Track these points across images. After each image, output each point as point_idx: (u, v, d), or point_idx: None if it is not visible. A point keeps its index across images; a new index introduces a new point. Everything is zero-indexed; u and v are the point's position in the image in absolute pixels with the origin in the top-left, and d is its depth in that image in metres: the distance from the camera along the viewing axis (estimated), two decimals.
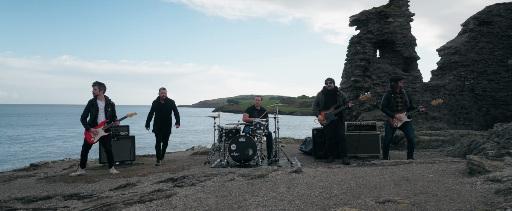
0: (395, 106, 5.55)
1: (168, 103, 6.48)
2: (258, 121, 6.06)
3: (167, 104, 6.44)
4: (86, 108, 5.22)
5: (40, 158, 13.81)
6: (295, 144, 9.22)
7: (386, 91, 5.73)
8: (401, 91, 5.63)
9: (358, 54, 10.85)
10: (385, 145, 5.77)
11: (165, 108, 6.38)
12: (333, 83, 5.99)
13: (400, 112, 5.51)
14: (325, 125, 6.00)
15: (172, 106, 6.54)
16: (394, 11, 10.93)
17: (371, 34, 10.90)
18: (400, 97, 5.59)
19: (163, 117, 6.33)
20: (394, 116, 5.49)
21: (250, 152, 5.71)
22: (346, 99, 5.97)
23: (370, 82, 11.03)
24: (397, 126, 5.50)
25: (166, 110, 6.39)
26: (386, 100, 5.64)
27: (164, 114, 6.35)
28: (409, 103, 5.54)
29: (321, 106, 6.03)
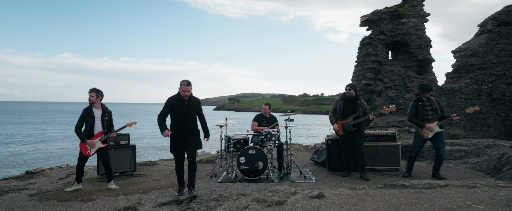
0: (424, 115, 5.06)
1: (195, 105, 4.29)
2: (268, 131, 5.60)
3: (193, 107, 4.25)
4: (81, 117, 4.76)
5: (38, 161, 13.45)
6: (305, 152, 8.75)
7: (413, 100, 5.25)
8: (429, 99, 5.14)
9: (370, 56, 10.34)
10: (410, 158, 5.27)
11: (188, 113, 4.20)
12: (353, 90, 5.50)
13: (431, 121, 5.03)
14: (341, 136, 5.53)
15: (199, 109, 4.40)
16: (408, 11, 10.40)
17: (384, 35, 10.39)
18: (429, 105, 5.10)
19: (186, 124, 4.20)
20: (424, 126, 5.00)
21: (261, 166, 5.26)
22: (367, 109, 5.48)
23: (382, 86, 10.52)
24: (428, 137, 5.02)
25: (191, 115, 4.23)
26: (414, 109, 5.15)
27: (188, 120, 4.20)
28: (440, 112, 5.05)
29: (339, 114, 5.55)
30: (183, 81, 4.17)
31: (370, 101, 10.17)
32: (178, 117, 4.19)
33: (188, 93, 4.14)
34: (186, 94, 4.13)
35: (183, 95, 4.14)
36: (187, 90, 4.13)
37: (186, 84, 4.14)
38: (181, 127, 4.19)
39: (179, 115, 4.17)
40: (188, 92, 4.14)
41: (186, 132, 4.20)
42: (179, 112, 4.16)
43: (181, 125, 4.19)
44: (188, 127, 4.22)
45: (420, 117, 5.07)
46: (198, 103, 4.38)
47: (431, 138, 5.04)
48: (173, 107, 4.17)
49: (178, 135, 4.20)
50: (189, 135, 4.22)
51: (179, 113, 4.16)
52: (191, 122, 4.26)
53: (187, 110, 4.20)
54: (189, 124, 4.23)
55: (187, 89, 4.13)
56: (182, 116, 4.18)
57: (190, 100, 4.23)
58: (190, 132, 4.24)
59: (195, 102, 4.30)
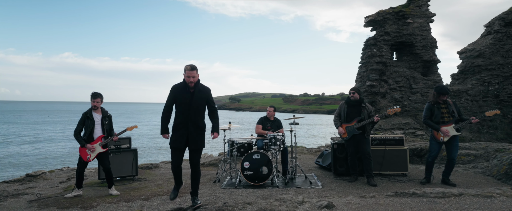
0: (440, 118, 4.91)
1: (201, 94, 3.69)
2: (273, 135, 5.46)
3: (198, 95, 3.66)
4: (80, 121, 4.65)
5: (38, 161, 13.37)
6: (309, 155, 8.61)
7: (428, 102, 5.10)
8: (446, 101, 4.99)
9: (374, 57, 10.19)
10: (428, 163, 5.12)
11: (194, 102, 3.62)
12: (357, 94, 5.37)
13: (447, 124, 4.88)
14: (346, 139, 5.40)
15: (207, 99, 3.77)
16: (413, 11, 10.24)
17: (388, 35, 10.24)
18: (445, 107, 4.95)
19: (189, 117, 3.61)
20: (439, 129, 4.85)
21: (265, 171, 5.13)
22: (371, 112, 5.35)
23: (387, 87, 10.37)
24: (443, 140, 4.87)
25: (195, 106, 3.63)
26: (429, 111, 5.00)
27: (191, 112, 3.61)
28: (457, 114, 4.90)
29: (343, 118, 5.42)
30: (187, 65, 3.60)
31: (375, 102, 10.03)
32: (181, 108, 3.62)
33: (193, 79, 3.57)
34: (191, 80, 3.56)
35: (188, 82, 3.59)
36: (191, 75, 3.55)
37: (190, 69, 3.55)
38: (184, 120, 3.60)
39: (182, 105, 3.62)
40: (193, 78, 3.56)
41: (189, 126, 3.59)
42: (182, 101, 3.60)
43: (184, 117, 3.60)
44: (191, 121, 3.60)
45: (435, 120, 4.92)
46: (206, 92, 3.73)
47: (446, 142, 4.90)
48: (176, 96, 3.64)
49: (180, 128, 3.63)
50: (192, 130, 3.60)
51: (182, 102, 3.61)
52: (196, 115, 3.62)
53: (191, 99, 3.60)
54: (193, 117, 3.60)
55: (191, 75, 3.55)
56: (185, 106, 3.60)
57: (196, 87, 3.63)
58: (193, 127, 3.61)
59: (201, 90, 3.66)
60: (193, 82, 3.59)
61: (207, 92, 3.75)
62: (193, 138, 3.62)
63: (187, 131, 3.61)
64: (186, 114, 3.61)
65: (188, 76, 3.57)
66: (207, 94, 3.76)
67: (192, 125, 3.62)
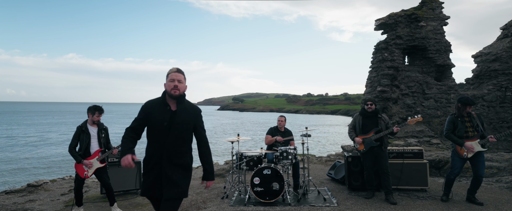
0: (464, 132, 4.56)
1: (187, 115, 2.62)
2: (285, 149, 5.16)
3: (182, 116, 2.59)
4: (75, 135, 4.37)
5: (41, 171, 13.18)
6: (319, 165, 8.27)
7: (450, 114, 4.75)
8: (469, 114, 4.64)
9: (386, 62, 9.83)
10: (449, 180, 4.75)
11: (174, 126, 2.56)
12: (375, 105, 5.05)
13: (471, 139, 4.53)
14: (362, 152, 5.07)
15: (196, 123, 2.68)
16: (427, 13, 9.86)
17: (400, 39, 9.87)
18: (469, 120, 4.60)
19: (165, 148, 2.52)
20: (463, 144, 4.50)
21: (276, 187, 4.82)
22: (388, 123, 5.02)
23: (399, 92, 10.00)
24: (467, 156, 4.52)
25: (176, 132, 2.55)
26: (451, 124, 4.64)
27: (170, 140, 2.53)
28: (481, 129, 4.55)
29: (358, 130, 5.10)
30: (172, 68, 2.62)
31: (386, 108, 9.66)
32: (155, 134, 2.51)
33: (179, 84, 2.52)
34: (176, 84, 2.50)
35: (170, 90, 2.51)
36: (178, 78, 2.52)
37: (177, 70, 2.57)
38: (158, 152, 2.49)
39: (156, 130, 2.50)
40: (178, 82, 2.52)
41: (165, 159, 2.48)
42: (157, 124, 2.49)
43: (158, 148, 2.49)
44: (169, 151, 2.48)
45: (458, 134, 4.57)
46: (195, 112, 2.64)
47: (470, 158, 4.54)
48: (148, 115, 2.52)
49: (151, 165, 2.51)
50: (168, 166, 2.48)
51: (156, 126, 2.50)
52: (176, 143, 2.51)
53: (170, 121, 2.49)
54: (172, 146, 2.49)
55: (177, 77, 2.52)
56: (161, 132, 2.48)
57: (180, 104, 2.56)
58: (170, 161, 2.48)
59: (187, 109, 2.59)
60: (178, 91, 2.51)
61: (196, 113, 2.63)
62: (168, 181, 2.44)
63: (161, 168, 2.47)
64: (162, 143, 2.46)
65: (173, 79, 2.50)
66: (195, 115, 2.62)
67: (169, 162, 2.47)
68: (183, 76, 2.59)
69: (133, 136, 2.59)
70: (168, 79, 2.55)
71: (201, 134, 2.70)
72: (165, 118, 2.50)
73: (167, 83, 2.55)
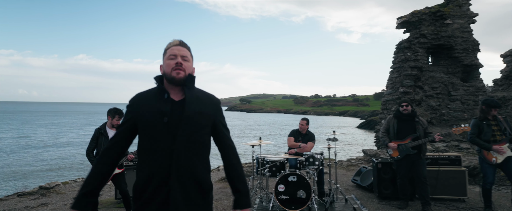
0: (490, 136, 4.15)
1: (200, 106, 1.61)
2: (310, 154, 4.80)
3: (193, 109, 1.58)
4: (93, 138, 4.09)
5: (52, 173, 13.10)
6: (340, 170, 7.85)
7: (474, 118, 4.36)
8: (495, 117, 4.24)
9: (408, 62, 9.35)
10: (485, 191, 4.32)
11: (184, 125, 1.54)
12: (411, 107, 4.64)
13: (500, 143, 4.10)
14: (396, 159, 4.66)
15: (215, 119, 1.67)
16: (453, 11, 9.35)
17: (425, 38, 9.38)
18: (495, 124, 4.19)
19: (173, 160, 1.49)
20: (491, 149, 4.08)
21: (303, 195, 4.45)
22: (427, 128, 4.60)
23: (422, 94, 9.51)
24: (496, 162, 4.09)
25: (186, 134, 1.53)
26: (476, 128, 4.25)
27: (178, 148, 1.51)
28: (510, 132, 4.14)
29: (392, 135, 4.69)
30: (171, 41, 1.70)
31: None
32: (152, 135, 1.55)
33: (183, 61, 1.62)
34: (179, 61, 1.61)
35: (171, 72, 1.59)
36: (181, 54, 1.63)
37: (178, 43, 1.67)
38: (160, 164, 1.51)
39: (152, 128, 1.55)
40: (183, 59, 1.63)
41: (174, 179, 1.50)
42: (152, 118, 1.55)
43: (160, 158, 1.52)
44: (179, 164, 1.52)
45: (484, 138, 4.17)
46: (213, 103, 1.71)
47: (500, 164, 4.12)
48: (139, 114, 1.59)
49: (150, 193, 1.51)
50: (179, 189, 1.51)
51: (151, 121, 1.55)
52: (189, 149, 1.55)
53: (175, 112, 1.57)
54: (184, 155, 1.53)
55: (180, 52, 1.63)
56: (160, 129, 1.54)
57: (188, 92, 1.62)
58: (183, 181, 1.52)
59: (201, 98, 1.66)
60: (183, 71, 1.59)
61: (213, 104, 1.69)
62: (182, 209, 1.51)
63: (170, 195, 1.49)
64: (165, 152, 1.51)
65: (174, 54, 1.61)
66: (214, 107, 1.69)
67: (180, 182, 1.51)
68: (189, 51, 1.69)
69: (105, 162, 1.57)
70: (166, 56, 1.63)
71: (225, 136, 1.69)
72: (165, 111, 1.52)
73: (165, 62, 1.62)
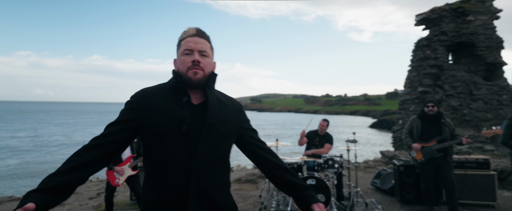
0: None
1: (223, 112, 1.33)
2: (329, 156, 4.63)
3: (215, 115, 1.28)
4: None
5: None
6: (357, 172, 7.62)
7: (508, 119, 4.11)
8: None
9: (428, 60, 9.02)
10: None
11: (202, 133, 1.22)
12: (437, 107, 4.41)
13: None
14: (420, 162, 4.44)
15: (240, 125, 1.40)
16: (475, 7, 8.96)
17: (445, 35, 9.03)
18: None
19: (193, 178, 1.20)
20: None
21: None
22: (454, 130, 4.35)
23: (442, 93, 9.16)
24: None
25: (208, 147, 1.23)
26: (510, 129, 4.01)
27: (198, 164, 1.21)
28: None
29: (416, 136, 4.47)
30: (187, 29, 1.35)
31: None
32: (166, 146, 1.21)
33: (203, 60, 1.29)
34: (197, 58, 1.27)
35: (186, 72, 1.27)
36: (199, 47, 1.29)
37: (195, 33, 1.32)
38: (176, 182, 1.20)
39: (167, 136, 1.21)
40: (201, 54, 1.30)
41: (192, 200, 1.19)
42: (168, 124, 1.22)
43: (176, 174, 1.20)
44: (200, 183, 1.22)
45: None
46: (235, 108, 1.42)
47: None
48: (145, 111, 1.24)
49: None
50: None
51: (167, 128, 1.21)
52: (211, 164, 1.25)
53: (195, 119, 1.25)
54: (205, 172, 1.23)
55: (197, 46, 1.29)
56: (177, 139, 1.21)
57: (212, 93, 1.34)
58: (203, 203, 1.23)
59: (223, 102, 1.38)
60: (202, 70, 1.28)
61: (236, 109, 1.43)
62: None
63: None
64: (183, 171, 1.20)
65: (190, 49, 1.28)
66: (237, 113, 1.42)
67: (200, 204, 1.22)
68: (209, 42, 1.33)
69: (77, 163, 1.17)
70: (181, 50, 1.29)
71: (255, 140, 1.42)
72: (184, 117, 1.21)
73: (180, 58, 1.28)
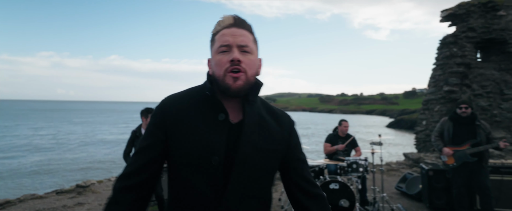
0: None
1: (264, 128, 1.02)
2: (354, 159, 4.42)
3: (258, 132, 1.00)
4: (130, 141, 4.01)
5: (87, 172, 13.61)
6: (379, 175, 7.33)
7: None
8: None
9: (454, 58, 8.58)
10: None
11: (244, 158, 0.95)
12: (471, 109, 4.11)
13: None
14: (453, 167, 4.15)
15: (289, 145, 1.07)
16: (507, 1, 8.44)
17: (473, 31, 8.55)
18: None
19: None
20: None
21: (345, 204, 4.10)
22: (490, 133, 4.04)
23: (470, 93, 8.69)
24: None
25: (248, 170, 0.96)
26: None
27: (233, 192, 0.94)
28: None
29: (447, 140, 4.19)
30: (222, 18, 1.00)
31: None
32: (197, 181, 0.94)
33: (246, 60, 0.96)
34: (237, 57, 0.94)
35: (223, 77, 0.95)
36: (239, 41, 0.96)
37: (233, 23, 0.99)
38: None
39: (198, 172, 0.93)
40: (243, 51, 0.97)
41: None
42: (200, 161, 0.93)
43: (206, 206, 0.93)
44: None
45: None
46: (285, 125, 1.07)
47: None
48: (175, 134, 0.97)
49: None
50: None
51: (199, 164, 0.93)
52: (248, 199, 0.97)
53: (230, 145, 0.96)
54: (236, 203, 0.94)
55: (236, 39, 0.96)
56: (209, 176, 0.93)
57: (252, 110, 1.01)
58: None
59: (269, 122, 1.04)
60: (245, 74, 0.96)
61: (286, 126, 1.08)
62: None
63: None
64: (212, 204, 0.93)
65: (227, 44, 0.96)
66: (287, 132, 1.07)
67: None
68: (251, 34, 1.03)
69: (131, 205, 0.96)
70: (215, 47, 1.00)
71: (302, 178, 1.08)
72: (216, 145, 0.95)
73: (215, 58, 0.99)
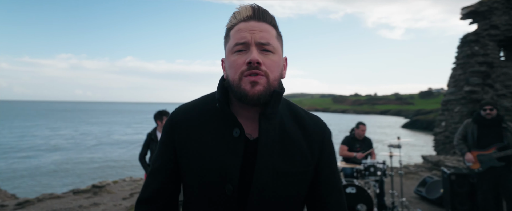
0: None
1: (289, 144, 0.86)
2: (371, 162, 4.29)
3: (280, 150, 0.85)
4: (145, 144, 4.01)
5: (103, 171, 13.88)
6: (397, 178, 7.11)
7: None
8: None
9: (476, 57, 8.24)
10: None
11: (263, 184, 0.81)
12: (497, 110, 3.90)
13: None
14: (478, 172, 3.96)
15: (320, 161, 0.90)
16: None
17: (496, 29, 8.19)
18: None
19: None
20: None
21: (363, 209, 3.97)
22: None
23: (493, 93, 8.32)
24: None
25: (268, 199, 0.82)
26: None
27: None
28: None
29: (471, 142, 3.99)
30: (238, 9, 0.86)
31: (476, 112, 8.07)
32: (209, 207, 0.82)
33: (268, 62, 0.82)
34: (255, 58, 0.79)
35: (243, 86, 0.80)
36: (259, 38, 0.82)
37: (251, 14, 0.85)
38: None
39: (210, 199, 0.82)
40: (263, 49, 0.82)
41: None
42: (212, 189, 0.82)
43: None
44: None
45: None
46: (320, 139, 0.90)
47: None
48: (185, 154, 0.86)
49: None
50: None
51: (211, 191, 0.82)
52: None
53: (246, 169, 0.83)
54: None
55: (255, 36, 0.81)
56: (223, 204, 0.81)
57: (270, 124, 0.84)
58: None
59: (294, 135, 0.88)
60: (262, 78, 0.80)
61: (319, 141, 0.90)
62: None
63: None
64: None
65: (244, 41, 0.82)
66: (319, 148, 0.90)
67: None
68: (274, 29, 0.89)
69: None
70: (230, 45, 0.86)
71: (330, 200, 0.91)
72: (231, 169, 0.82)
73: (230, 58, 0.85)
